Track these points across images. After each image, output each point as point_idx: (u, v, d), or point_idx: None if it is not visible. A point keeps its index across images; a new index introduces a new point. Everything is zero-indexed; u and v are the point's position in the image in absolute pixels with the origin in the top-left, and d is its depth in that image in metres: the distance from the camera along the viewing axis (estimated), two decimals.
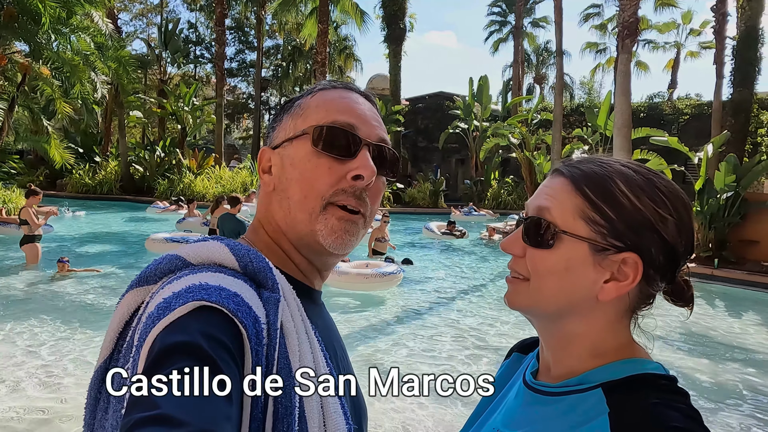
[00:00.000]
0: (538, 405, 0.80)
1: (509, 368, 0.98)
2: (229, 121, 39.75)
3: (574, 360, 0.79)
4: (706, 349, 6.54)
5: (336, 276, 8.08)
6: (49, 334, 5.94)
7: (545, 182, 0.84)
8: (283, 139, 0.85)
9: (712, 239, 11.64)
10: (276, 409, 0.64)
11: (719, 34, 19.97)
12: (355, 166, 0.80)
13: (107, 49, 16.99)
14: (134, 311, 0.72)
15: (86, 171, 25.04)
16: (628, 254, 0.74)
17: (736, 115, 18.61)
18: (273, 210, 0.85)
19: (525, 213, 0.83)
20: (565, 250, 0.76)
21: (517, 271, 0.81)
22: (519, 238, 0.81)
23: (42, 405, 4.26)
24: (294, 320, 0.71)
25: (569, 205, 0.77)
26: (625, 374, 0.73)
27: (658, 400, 0.66)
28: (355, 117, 0.84)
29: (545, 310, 0.80)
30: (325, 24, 22.65)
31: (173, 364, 0.54)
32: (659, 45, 32.76)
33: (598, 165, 0.79)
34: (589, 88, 43.20)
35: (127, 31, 34.93)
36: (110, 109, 27.40)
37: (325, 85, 0.89)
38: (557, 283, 0.77)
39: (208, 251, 0.73)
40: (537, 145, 22.70)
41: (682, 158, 14.65)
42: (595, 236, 0.75)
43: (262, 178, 0.87)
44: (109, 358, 0.72)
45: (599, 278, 0.75)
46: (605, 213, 0.75)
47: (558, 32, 18.98)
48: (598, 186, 0.76)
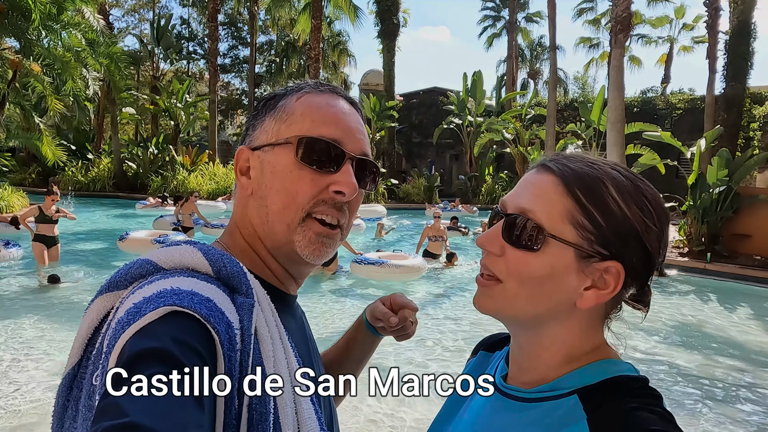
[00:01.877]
0: (511, 411, 0.77)
1: (476, 368, 0.95)
2: (223, 117, 39.58)
3: (547, 366, 0.77)
4: (698, 342, 6.57)
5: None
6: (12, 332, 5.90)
7: (529, 177, 0.78)
8: (264, 142, 0.83)
9: (704, 233, 11.70)
10: (251, 415, 0.63)
11: (712, 29, 20.03)
12: (337, 180, 0.80)
13: (99, 46, 16.83)
14: (104, 317, 0.71)
15: (79, 168, 24.89)
16: (612, 263, 0.71)
17: (728, 110, 18.68)
18: (250, 215, 0.84)
19: (504, 208, 0.78)
20: (551, 254, 0.72)
21: (492, 272, 0.76)
22: (498, 235, 0.75)
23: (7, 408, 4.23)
24: (268, 325, 0.71)
25: (558, 207, 0.72)
26: (599, 378, 0.72)
27: (634, 404, 0.65)
28: (341, 130, 0.82)
29: (520, 316, 0.76)
30: (319, 19, 22.56)
31: (143, 371, 0.53)
32: (652, 40, 32.82)
33: (588, 165, 0.74)
34: (583, 83, 43.32)
35: (119, 27, 34.81)
36: (102, 105, 27.26)
37: (312, 88, 0.87)
38: (536, 289, 0.73)
39: (180, 255, 0.72)
40: (531, 140, 22.75)
41: (675, 153, 14.70)
42: (582, 242, 0.71)
43: (239, 179, 0.85)
44: (77, 365, 0.71)
45: (580, 285, 0.72)
46: (595, 219, 0.71)
47: (552, 27, 18.97)
48: (589, 189, 0.72)
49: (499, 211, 0.78)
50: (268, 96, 0.88)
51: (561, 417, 0.70)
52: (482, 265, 0.78)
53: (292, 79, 16.65)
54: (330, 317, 7.09)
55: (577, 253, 0.71)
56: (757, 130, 16.83)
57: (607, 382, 0.71)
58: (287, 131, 0.82)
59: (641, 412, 0.64)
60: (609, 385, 0.70)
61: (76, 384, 0.70)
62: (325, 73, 36.52)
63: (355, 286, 8.95)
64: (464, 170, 27.98)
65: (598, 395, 0.69)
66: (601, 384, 0.71)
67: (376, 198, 22.77)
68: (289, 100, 0.85)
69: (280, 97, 0.86)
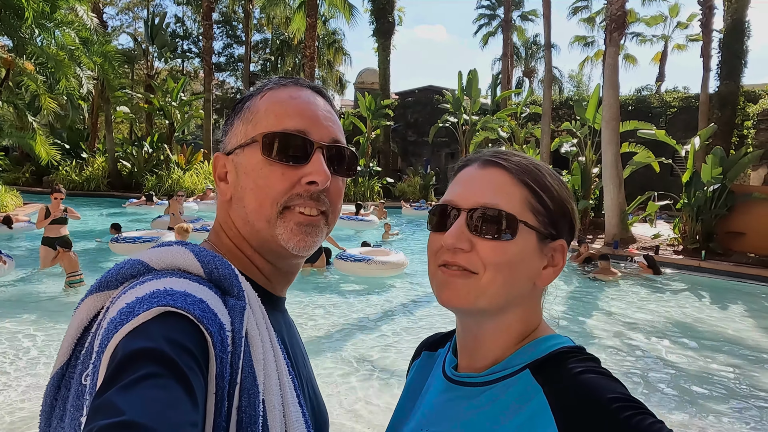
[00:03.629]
0: (464, 398, 0.80)
1: (422, 368, 0.97)
2: (218, 116, 39.36)
3: (502, 348, 0.81)
4: (692, 340, 6.60)
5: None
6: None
7: (472, 174, 0.82)
8: (235, 145, 0.84)
9: (699, 231, 11.74)
10: (240, 417, 0.64)
11: (706, 27, 20.10)
12: (308, 171, 0.79)
13: (92, 44, 16.75)
14: (93, 317, 0.71)
15: (73, 167, 24.73)
16: (560, 241, 0.81)
17: (722, 108, 18.76)
18: (233, 217, 0.84)
19: (456, 205, 0.79)
20: (522, 240, 0.77)
21: (464, 267, 0.77)
22: (464, 230, 0.77)
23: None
24: (259, 328, 0.71)
25: (517, 197, 0.78)
26: (545, 352, 0.77)
27: (580, 368, 0.72)
28: (306, 119, 0.82)
29: (493, 303, 0.78)
30: (314, 18, 22.53)
31: (137, 370, 0.53)
32: (647, 38, 32.85)
33: (523, 158, 0.82)
34: (578, 81, 43.36)
35: (112, 26, 34.56)
36: (96, 104, 27.10)
37: (274, 84, 0.86)
38: (511, 275, 0.77)
39: (172, 256, 0.72)
40: (526, 138, 22.75)
41: (669, 151, 14.75)
42: (540, 226, 0.79)
43: (218, 185, 0.86)
44: (66, 365, 0.71)
45: (540, 265, 0.80)
46: (545, 203, 0.79)
47: (547, 25, 18.98)
48: (536, 178, 0.80)
49: (448, 208, 0.81)
50: (237, 99, 0.89)
51: (518, 392, 0.75)
52: (447, 262, 0.78)
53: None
54: (317, 314, 7.08)
55: (538, 236, 0.79)
56: (751, 128, 16.88)
57: (553, 354, 0.77)
58: (253, 130, 0.82)
59: (588, 374, 0.71)
60: (555, 357, 0.76)
61: (64, 384, 0.70)
62: (321, 71, 36.47)
63: (341, 282, 9.04)
64: None
65: (547, 367, 0.75)
66: (547, 357, 0.76)
67: (372, 197, 22.79)
68: (254, 100, 0.85)
69: (247, 99, 0.86)
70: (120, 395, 0.51)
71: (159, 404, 0.51)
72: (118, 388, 0.52)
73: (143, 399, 0.51)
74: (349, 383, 4.88)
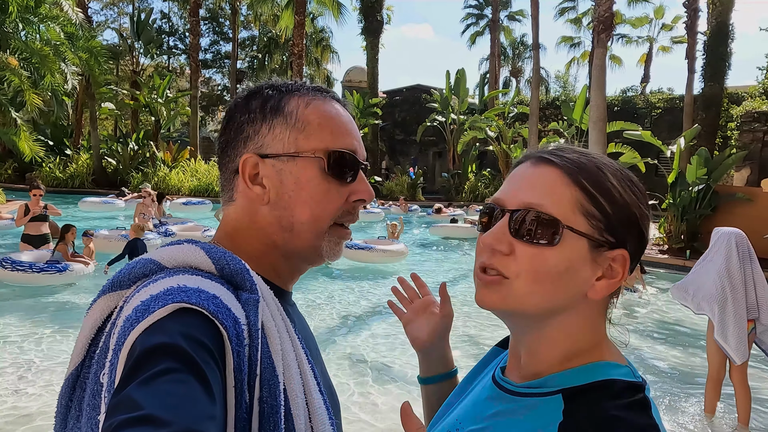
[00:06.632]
0: (500, 402, 0.76)
1: (485, 362, 0.96)
2: (204, 113, 39.15)
3: (543, 363, 0.75)
4: (676, 339, 6.68)
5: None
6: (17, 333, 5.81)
7: (525, 171, 0.76)
8: (280, 151, 0.81)
9: (684, 231, 11.90)
10: (262, 408, 0.65)
11: (691, 30, 20.38)
12: (356, 189, 0.85)
13: (77, 39, 16.58)
14: (107, 317, 0.72)
15: (57, 164, 24.40)
16: (619, 251, 0.71)
17: (707, 109, 19.02)
18: (264, 223, 0.82)
19: (502, 205, 0.75)
20: (568, 247, 0.70)
21: (499, 270, 0.72)
22: (506, 232, 0.72)
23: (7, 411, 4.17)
24: (275, 320, 0.72)
25: (567, 198, 0.70)
26: (587, 380, 0.69)
27: (613, 414, 0.63)
28: (354, 139, 0.86)
29: (530, 312, 0.72)
30: (302, 15, 22.46)
31: (155, 366, 0.54)
32: (632, 39, 33.31)
33: (583, 156, 0.74)
34: (564, 82, 43.70)
35: (98, 21, 34.21)
36: (81, 100, 26.74)
37: (314, 93, 0.85)
38: (552, 285, 0.70)
39: (183, 254, 0.73)
40: (514, 138, 22.92)
41: (654, 151, 14.92)
42: (593, 232, 0.70)
43: (250, 188, 0.81)
44: (80, 365, 0.71)
45: (592, 276, 0.71)
46: (603, 207, 0.70)
47: (534, 26, 19.14)
48: (593, 178, 0.71)
49: (496, 208, 0.76)
50: (261, 96, 0.84)
51: (540, 416, 0.68)
52: (485, 265, 0.73)
53: (275, 75, 16.32)
54: (323, 304, 7.08)
55: (590, 244, 0.70)
56: (734, 129, 17.13)
57: (596, 384, 0.68)
58: (307, 142, 0.81)
59: (618, 424, 0.62)
60: (596, 389, 0.67)
61: (79, 384, 0.71)
62: (308, 69, 36.36)
63: (348, 270, 9.79)
64: (447, 167, 28.10)
65: (581, 398, 0.67)
66: (588, 386, 0.68)
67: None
68: (295, 106, 0.83)
69: (280, 99, 0.83)
70: (139, 390, 0.52)
71: (177, 398, 0.52)
72: (137, 384, 0.53)
73: (162, 393, 0.52)
74: (349, 375, 4.88)
